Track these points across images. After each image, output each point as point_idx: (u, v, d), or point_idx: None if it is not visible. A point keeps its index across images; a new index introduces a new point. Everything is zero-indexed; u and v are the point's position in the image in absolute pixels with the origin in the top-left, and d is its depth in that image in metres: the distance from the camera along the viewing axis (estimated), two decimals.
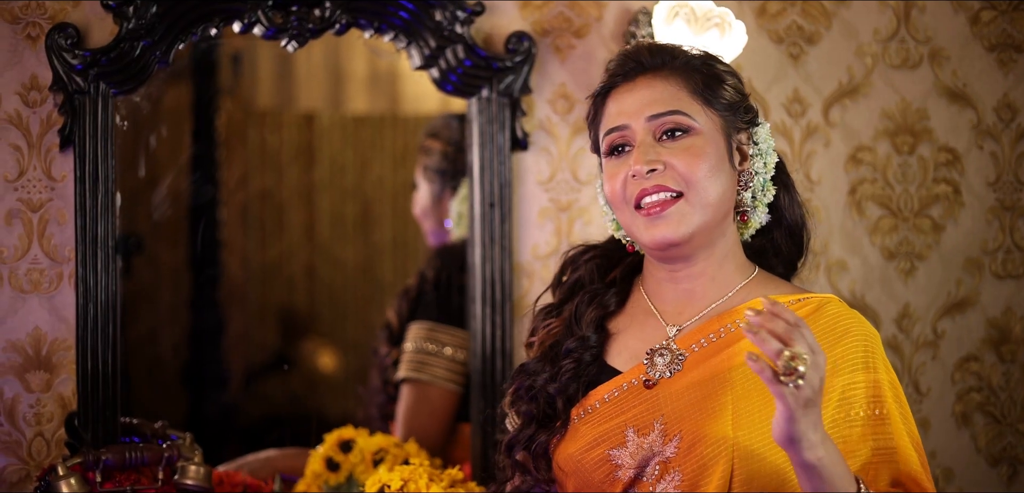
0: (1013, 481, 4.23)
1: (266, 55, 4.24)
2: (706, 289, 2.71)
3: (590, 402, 2.71)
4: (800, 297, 2.69)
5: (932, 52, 4.09)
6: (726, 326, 2.65)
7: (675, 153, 2.63)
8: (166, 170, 4.13)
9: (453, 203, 4.04)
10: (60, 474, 3.26)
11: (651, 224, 2.62)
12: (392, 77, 4.23)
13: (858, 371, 2.60)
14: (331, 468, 3.64)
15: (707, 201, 2.62)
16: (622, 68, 2.73)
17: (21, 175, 3.57)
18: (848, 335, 2.62)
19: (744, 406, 2.56)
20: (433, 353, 3.94)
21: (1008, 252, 4.19)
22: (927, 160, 4.11)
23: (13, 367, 3.57)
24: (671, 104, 2.65)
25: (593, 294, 2.82)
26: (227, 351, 4.33)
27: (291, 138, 4.35)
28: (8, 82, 3.56)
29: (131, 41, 3.54)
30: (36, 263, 3.58)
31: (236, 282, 4.35)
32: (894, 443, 2.58)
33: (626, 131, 2.67)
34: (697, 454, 2.56)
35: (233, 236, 4.33)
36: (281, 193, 4.32)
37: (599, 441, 2.66)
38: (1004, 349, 4.20)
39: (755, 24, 3.96)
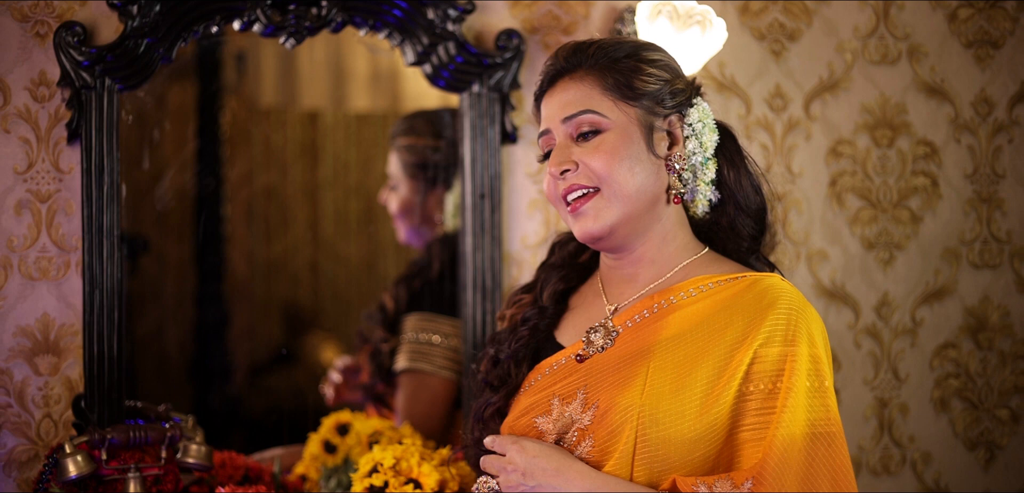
0: (990, 464, 4.30)
1: (269, 54, 4.25)
2: (646, 271, 2.78)
3: (534, 375, 2.82)
4: (734, 275, 2.73)
5: (910, 49, 4.16)
6: (658, 303, 2.72)
7: (587, 152, 2.71)
8: (172, 167, 4.14)
9: (449, 197, 4.06)
10: (67, 452, 3.31)
11: (576, 219, 2.73)
12: (393, 75, 4.25)
13: (774, 345, 2.61)
14: (328, 450, 3.70)
15: (624, 193, 2.69)
16: (546, 75, 2.82)
17: (30, 167, 3.60)
18: (772, 309, 2.64)
19: (657, 377, 2.62)
20: (431, 344, 3.99)
21: (985, 242, 4.25)
22: (906, 153, 4.17)
23: (23, 351, 3.60)
24: (581, 105, 2.73)
25: (553, 267, 2.94)
26: (232, 345, 4.34)
27: (295, 136, 4.37)
28: (18, 78, 3.59)
29: (136, 39, 3.57)
30: (44, 252, 3.61)
31: (241, 278, 4.36)
32: (778, 417, 2.57)
33: (549, 136, 2.78)
34: (608, 421, 2.63)
35: (238, 232, 4.34)
36: (285, 190, 4.33)
37: (529, 410, 2.76)
38: (981, 336, 4.27)
39: (738, 21, 4.02)
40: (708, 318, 2.66)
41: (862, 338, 4.20)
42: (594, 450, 2.64)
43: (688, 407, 2.60)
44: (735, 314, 2.65)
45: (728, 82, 4.04)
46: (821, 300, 4.16)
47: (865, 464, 4.23)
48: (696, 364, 2.63)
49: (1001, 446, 4.32)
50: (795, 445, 2.54)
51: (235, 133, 4.33)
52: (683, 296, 2.72)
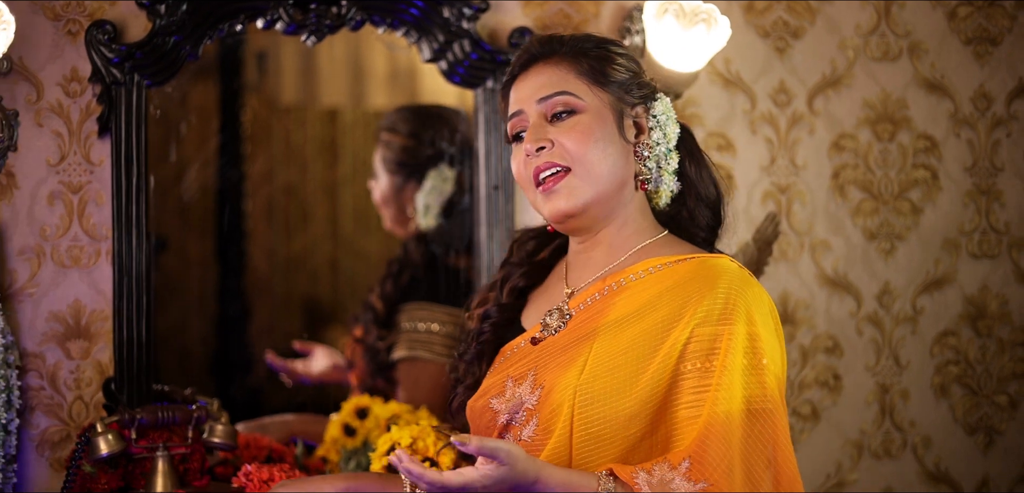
0: (989, 449, 4.37)
1: (290, 53, 4.31)
2: (605, 255, 2.82)
3: (497, 360, 2.87)
4: (684, 257, 2.75)
5: (911, 46, 4.23)
6: (610, 285, 2.76)
7: (562, 132, 2.74)
8: (195, 164, 4.20)
9: (419, 196, 4.13)
10: (99, 431, 3.39)
11: (547, 198, 2.75)
12: (411, 73, 4.28)
13: (710, 324, 2.61)
14: (348, 433, 3.78)
15: (596, 174, 2.74)
16: (519, 61, 2.85)
17: (62, 160, 3.67)
18: (712, 288, 2.65)
19: (598, 357, 2.66)
20: (428, 331, 4.04)
21: (984, 233, 4.32)
22: (906, 147, 4.24)
23: (55, 336, 3.66)
24: (558, 86, 2.77)
25: (516, 266, 2.98)
26: (253, 338, 4.37)
27: (315, 133, 4.41)
28: (51, 74, 3.65)
29: (163, 36, 3.65)
30: (76, 240, 3.68)
31: (262, 273, 4.40)
32: (713, 394, 2.58)
33: (522, 116, 2.81)
34: (551, 401, 2.67)
35: (259, 229, 4.38)
36: (305, 187, 4.40)
37: (486, 391, 2.82)
38: (980, 324, 4.34)
39: (743, 19, 4.09)
40: (653, 299, 2.68)
41: (864, 326, 4.26)
42: (539, 430, 2.68)
43: (623, 385, 2.62)
44: (677, 294, 2.66)
45: (734, 78, 4.12)
46: (824, 289, 4.23)
47: (867, 447, 4.30)
48: (635, 344, 2.65)
49: (999, 431, 4.39)
50: (732, 422, 2.54)
51: (256, 131, 4.38)
52: (632, 278, 2.75)
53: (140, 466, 3.50)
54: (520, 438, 2.72)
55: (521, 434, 2.72)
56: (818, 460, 4.28)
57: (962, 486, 4.38)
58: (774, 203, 4.16)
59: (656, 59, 3.77)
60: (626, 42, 3.94)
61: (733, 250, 3.73)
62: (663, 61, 3.76)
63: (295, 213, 4.47)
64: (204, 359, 4.36)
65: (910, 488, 4.34)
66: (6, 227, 3.64)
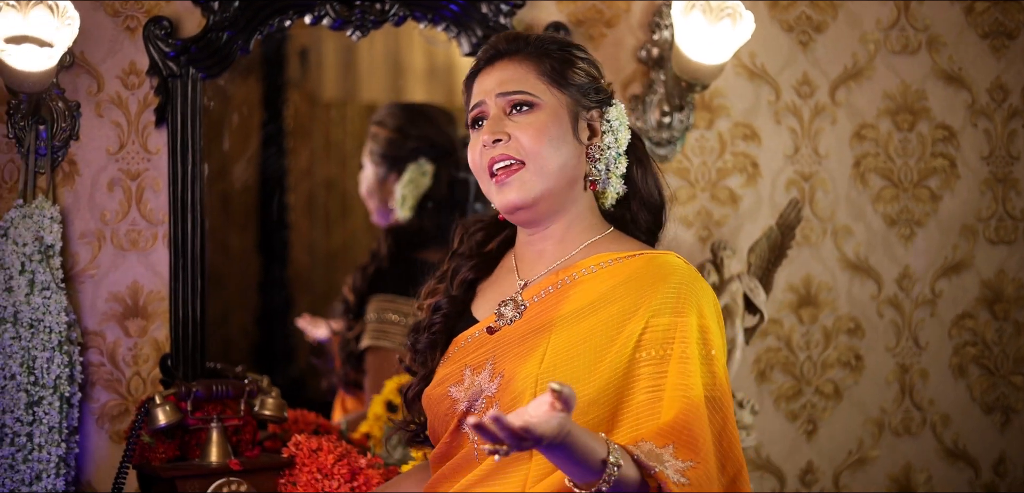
0: (1006, 427, 4.45)
1: (331, 49, 4.38)
2: (555, 249, 2.82)
3: (452, 349, 2.86)
4: (632, 252, 2.78)
5: (930, 39, 4.30)
6: (562, 279, 2.76)
7: (519, 126, 2.74)
8: (238, 158, 4.28)
9: (397, 187, 4.22)
10: (157, 403, 3.46)
11: (500, 189, 2.76)
12: (448, 68, 4.33)
13: (664, 315, 2.65)
14: (391, 410, 3.82)
15: (548, 169, 2.74)
16: (485, 55, 2.86)
17: (121, 148, 3.74)
18: (664, 282, 2.68)
19: (557, 348, 2.68)
20: (394, 322, 4.10)
21: (1000, 220, 4.40)
22: (925, 136, 4.32)
23: (115, 315, 3.74)
24: (519, 84, 2.78)
25: (465, 258, 2.96)
26: (294, 329, 4.41)
27: (355, 129, 4.44)
28: (110, 68, 3.73)
29: (217, 31, 3.74)
30: (134, 225, 3.76)
31: (302, 266, 4.47)
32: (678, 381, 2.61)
33: (482, 107, 2.80)
34: (511, 389, 2.68)
35: (300, 223, 4.46)
36: (345, 181, 4.42)
37: (444, 379, 2.82)
38: (997, 307, 4.42)
39: (768, 14, 4.16)
40: (606, 292, 2.71)
41: (884, 308, 4.34)
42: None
43: (582, 373, 2.64)
44: (631, 288, 2.69)
45: (759, 71, 4.19)
46: (846, 273, 4.30)
47: (887, 425, 4.38)
48: (592, 334, 2.67)
49: (1016, 410, 4.47)
50: (701, 407, 2.59)
51: (298, 125, 4.44)
52: (585, 272, 2.76)
53: (195, 437, 3.57)
54: None
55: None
56: (840, 437, 4.35)
57: (979, 463, 4.46)
58: (797, 190, 4.23)
59: (684, 52, 3.86)
60: (655, 36, 4.02)
61: (757, 235, 3.88)
62: (690, 54, 3.85)
63: (335, 207, 4.52)
64: (246, 349, 4.43)
65: (929, 464, 4.42)
66: (69, 212, 3.71)
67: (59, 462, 3.57)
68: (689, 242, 4.14)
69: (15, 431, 3.53)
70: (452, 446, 2.83)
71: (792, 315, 4.28)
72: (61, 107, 3.70)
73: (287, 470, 3.50)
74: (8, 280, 3.56)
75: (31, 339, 3.56)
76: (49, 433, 3.56)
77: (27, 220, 3.60)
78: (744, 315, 3.91)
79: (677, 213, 4.04)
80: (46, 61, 3.47)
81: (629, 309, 2.67)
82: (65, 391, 3.59)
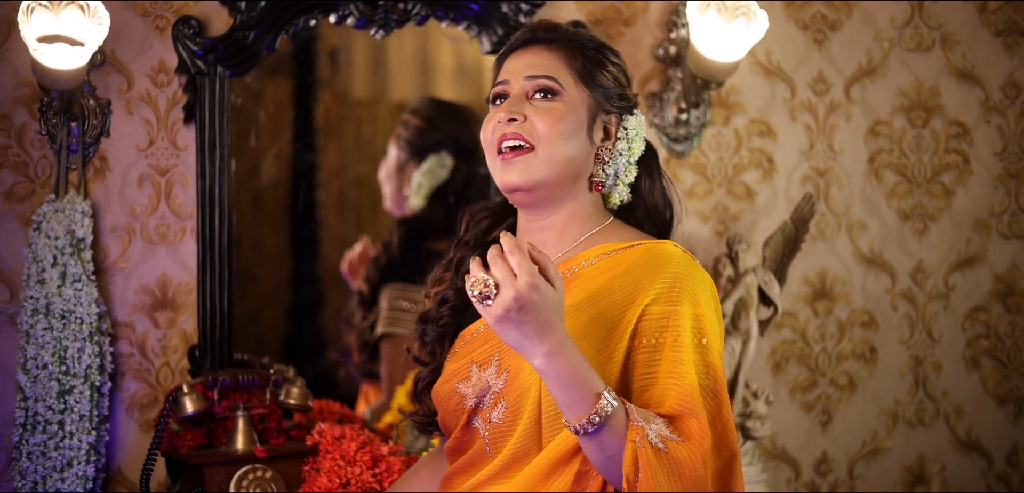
0: (1018, 418, 4.46)
1: (361, 49, 4.37)
2: (556, 241, 2.82)
3: (458, 342, 2.87)
4: (632, 243, 2.78)
5: (943, 37, 4.31)
6: (563, 273, 2.73)
7: (538, 111, 2.75)
8: (270, 156, 4.29)
9: (416, 174, 4.24)
10: (185, 391, 3.50)
11: (504, 167, 2.76)
12: (476, 68, 4.31)
13: (659, 304, 2.65)
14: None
15: (554, 159, 2.74)
16: (521, 38, 2.87)
17: (151, 144, 3.77)
18: (661, 271, 2.69)
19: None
20: (406, 310, 4.12)
21: (1014, 215, 4.41)
22: (939, 133, 4.32)
23: (144, 307, 3.77)
24: (547, 70, 2.79)
25: (471, 247, 2.95)
26: (325, 325, 4.47)
27: (385, 127, 4.41)
28: (140, 66, 3.75)
29: (244, 31, 3.76)
30: (163, 219, 3.78)
31: (333, 264, 4.43)
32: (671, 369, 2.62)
33: (507, 85, 2.81)
34: (518, 384, 2.70)
35: (330, 220, 4.46)
36: (375, 180, 4.38)
37: (451, 376, 2.84)
38: (1010, 301, 4.43)
39: (783, 13, 4.17)
40: (606, 284, 2.72)
41: (898, 301, 4.35)
42: (508, 412, 2.73)
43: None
44: (629, 278, 2.70)
45: (775, 68, 4.21)
46: (861, 266, 4.31)
47: (901, 416, 4.39)
48: (595, 326, 2.68)
49: None
50: (695, 394, 2.60)
51: (328, 124, 4.43)
52: (584, 264, 2.77)
53: (222, 425, 3.61)
54: (490, 420, 2.77)
55: (491, 416, 2.77)
56: (855, 428, 4.37)
57: (992, 454, 4.46)
58: (813, 186, 4.24)
59: (699, 50, 3.89)
60: (672, 34, 4.03)
61: (773, 230, 3.90)
62: (705, 52, 3.87)
63: (366, 204, 4.52)
64: (278, 344, 4.42)
65: (942, 455, 4.43)
66: (100, 207, 3.74)
67: (90, 449, 3.61)
68: (705, 236, 4.15)
69: (47, 419, 3.57)
70: (463, 441, 2.86)
71: (807, 308, 4.29)
72: (92, 105, 3.73)
73: (311, 457, 3.53)
74: (41, 273, 3.60)
75: (63, 330, 3.59)
76: (80, 421, 3.60)
77: (59, 214, 3.64)
78: (759, 307, 3.93)
79: (692, 209, 4.12)
80: (77, 60, 3.51)
81: (627, 299, 2.68)
82: (95, 380, 3.63)
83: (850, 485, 4.36)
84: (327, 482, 3.44)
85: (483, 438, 2.79)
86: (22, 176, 3.73)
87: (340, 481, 3.44)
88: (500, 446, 2.76)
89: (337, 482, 3.44)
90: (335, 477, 3.45)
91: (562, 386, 2.50)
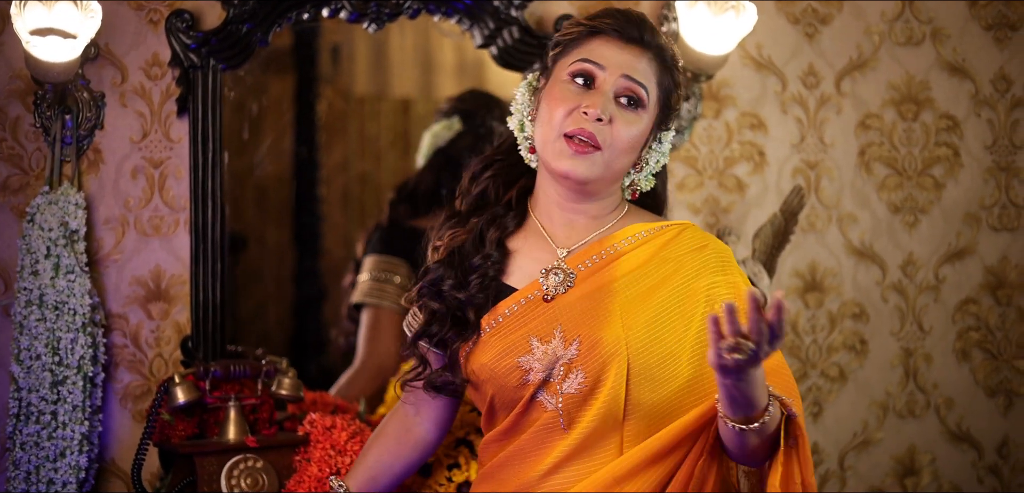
0: (1009, 410, 4.43)
1: (362, 45, 4.37)
2: (588, 222, 2.90)
3: (496, 314, 2.86)
4: (662, 224, 2.90)
5: (934, 31, 4.28)
6: (606, 249, 2.84)
7: (622, 120, 2.79)
8: (272, 153, 4.29)
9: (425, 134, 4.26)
10: (176, 382, 3.49)
11: (571, 158, 2.78)
12: (478, 64, 4.30)
13: (718, 274, 2.81)
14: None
15: (613, 166, 2.82)
16: (625, 26, 2.84)
17: (144, 137, 3.76)
18: (706, 248, 2.85)
19: (629, 310, 2.77)
20: (385, 281, 4.13)
21: (1004, 208, 4.38)
22: (929, 126, 4.30)
23: (137, 298, 3.76)
24: (643, 80, 2.81)
25: (493, 216, 2.95)
26: (328, 321, 4.47)
27: (388, 124, 4.46)
28: (134, 59, 3.74)
29: (236, 24, 3.73)
30: (157, 211, 3.77)
31: (337, 260, 4.47)
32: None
33: (601, 72, 2.80)
34: (597, 354, 2.75)
35: (334, 217, 4.47)
36: (379, 176, 4.45)
37: (507, 351, 2.83)
38: (1000, 293, 4.40)
39: (774, 6, 4.15)
40: (653, 258, 2.83)
41: (889, 293, 4.33)
42: (587, 381, 2.76)
43: (667, 331, 2.77)
44: (677, 252, 2.84)
45: (765, 62, 4.19)
46: (851, 259, 4.29)
47: (892, 408, 4.37)
48: (654, 294, 2.80)
49: (1019, 393, 4.45)
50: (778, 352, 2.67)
51: (331, 121, 4.45)
52: (624, 243, 2.85)
53: (214, 415, 3.60)
54: (562, 391, 2.79)
55: (562, 387, 2.79)
56: (846, 419, 4.35)
57: (983, 445, 4.44)
58: (803, 179, 4.23)
59: (689, 43, 3.86)
60: (663, 28, 4.00)
61: (763, 222, 3.88)
62: (695, 45, 3.86)
63: (370, 200, 4.54)
64: (283, 340, 4.44)
65: (933, 446, 4.41)
66: (93, 199, 3.73)
67: (82, 439, 3.60)
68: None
69: (40, 409, 3.56)
70: (526, 418, 2.86)
71: (798, 300, 4.28)
72: (86, 97, 3.72)
73: (302, 447, 3.52)
74: (34, 264, 3.59)
75: (56, 321, 3.58)
76: (73, 411, 3.59)
77: (53, 206, 3.63)
78: None
79: (683, 201, 4.14)
80: (70, 52, 3.51)
81: (690, 271, 2.81)
82: (88, 371, 3.62)
83: (841, 476, 4.34)
84: (318, 472, 3.43)
85: (554, 411, 2.80)
86: (16, 168, 3.72)
87: (331, 470, 3.42)
88: (576, 417, 2.79)
89: (327, 471, 3.42)
90: (326, 467, 3.44)
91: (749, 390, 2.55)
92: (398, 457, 3.18)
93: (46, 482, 3.57)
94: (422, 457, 3.22)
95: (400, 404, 3.22)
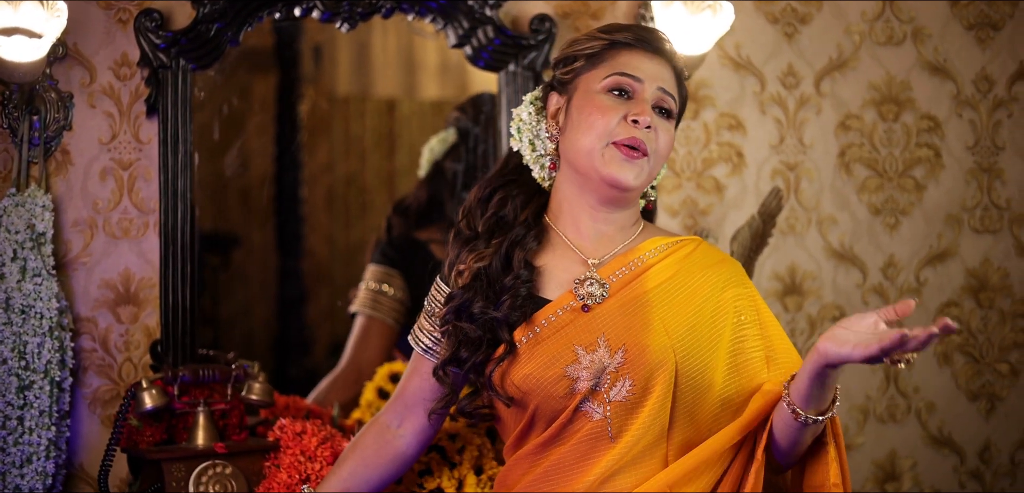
0: (991, 415, 4.41)
1: (344, 46, 4.34)
2: (617, 234, 2.93)
3: (533, 326, 2.86)
4: (677, 239, 2.95)
5: (915, 31, 4.26)
6: (633, 261, 2.88)
7: (662, 128, 2.86)
8: (255, 155, 4.25)
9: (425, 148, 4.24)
10: (144, 387, 3.45)
11: (623, 164, 2.83)
12: (460, 65, 4.24)
13: (740, 287, 2.89)
14: (382, 397, 3.79)
15: (652, 174, 2.89)
16: (649, 39, 2.92)
17: (114, 138, 3.72)
18: (725, 262, 2.94)
19: (668, 318, 2.81)
20: (380, 292, 4.12)
21: (986, 209, 4.35)
22: (910, 127, 4.28)
23: (106, 302, 3.71)
24: (672, 90, 2.90)
25: (515, 239, 2.94)
26: (312, 322, 4.44)
27: (372, 124, 4.42)
28: (103, 59, 3.70)
29: (206, 23, 3.69)
30: (126, 213, 3.72)
31: (322, 260, 4.45)
32: (786, 342, 2.90)
33: (640, 85, 2.86)
34: (645, 360, 2.77)
35: (319, 217, 4.44)
36: (364, 177, 4.42)
37: (553, 361, 2.82)
38: (982, 296, 4.37)
39: (753, 5, 4.14)
40: (680, 271, 2.88)
41: (869, 296, 4.30)
42: (635, 388, 2.78)
43: (704, 340, 2.82)
44: (699, 265, 2.91)
45: (744, 62, 4.18)
46: (831, 261, 4.28)
47: (872, 412, 4.34)
48: (688, 305, 2.84)
49: (1001, 397, 4.42)
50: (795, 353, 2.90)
51: (314, 122, 4.41)
52: (650, 255, 2.90)
53: (182, 421, 3.57)
54: (610, 399, 2.80)
55: (609, 396, 2.80)
56: None
57: (964, 450, 4.41)
58: (783, 180, 4.21)
59: None
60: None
61: (741, 223, 3.84)
62: None
63: (355, 201, 4.51)
64: (268, 341, 4.40)
65: (914, 451, 4.39)
66: (61, 201, 3.69)
67: (49, 445, 3.55)
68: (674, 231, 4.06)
69: (6, 415, 3.52)
70: (569, 429, 2.85)
71: (777, 303, 4.26)
72: (54, 98, 3.68)
73: (272, 453, 3.48)
74: (0, 267, 3.53)
75: (22, 325, 3.53)
76: (40, 417, 3.54)
77: (20, 208, 3.57)
78: None
79: (661, 203, 4.13)
80: (36, 52, 3.47)
81: (716, 283, 2.88)
82: (56, 376, 3.56)
83: None
84: (287, 478, 3.39)
85: (601, 420, 2.80)
86: None
87: (301, 477, 3.39)
88: (625, 426, 2.80)
89: (297, 478, 3.39)
90: (295, 472, 3.41)
91: (822, 399, 2.70)
92: (375, 469, 3.16)
93: (12, 488, 3.52)
94: (399, 471, 3.20)
95: (380, 414, 3.19)
